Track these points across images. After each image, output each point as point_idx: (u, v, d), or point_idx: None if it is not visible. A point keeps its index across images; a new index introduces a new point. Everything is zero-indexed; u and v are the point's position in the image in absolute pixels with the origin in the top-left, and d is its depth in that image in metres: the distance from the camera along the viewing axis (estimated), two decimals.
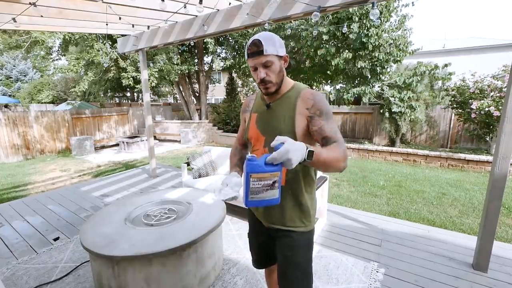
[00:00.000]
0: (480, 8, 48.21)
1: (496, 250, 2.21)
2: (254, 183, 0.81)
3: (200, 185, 3.25)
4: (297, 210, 1.11)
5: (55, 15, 2.95)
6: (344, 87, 7.58)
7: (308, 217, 1.14)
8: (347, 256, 2.30)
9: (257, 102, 1.21)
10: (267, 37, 1.00)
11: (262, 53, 0.99)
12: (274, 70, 1.03)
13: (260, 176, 0.80)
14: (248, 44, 1.02)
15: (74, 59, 8.93)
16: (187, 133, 9.56)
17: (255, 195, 0.83)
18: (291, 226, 1.11)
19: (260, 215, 1.20)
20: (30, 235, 2.78)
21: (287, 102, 1.08)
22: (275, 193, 0.85)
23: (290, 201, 1.11)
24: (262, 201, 0.85)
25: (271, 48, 1.00)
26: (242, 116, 1.29)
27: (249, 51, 1.01)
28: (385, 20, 6.52)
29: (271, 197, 0.85)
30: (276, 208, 1.11)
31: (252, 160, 0.81)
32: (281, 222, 1.12)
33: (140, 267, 1.65)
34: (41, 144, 7.72)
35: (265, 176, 0.81)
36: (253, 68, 1.04)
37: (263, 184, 0.82)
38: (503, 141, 1.90)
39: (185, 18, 3.42)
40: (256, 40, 0.99)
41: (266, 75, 1.02)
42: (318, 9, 2.36)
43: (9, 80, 20.77)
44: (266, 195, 0.84)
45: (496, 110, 5.76)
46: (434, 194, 4.11)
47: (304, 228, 1.12)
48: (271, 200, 0.86)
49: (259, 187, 0.82)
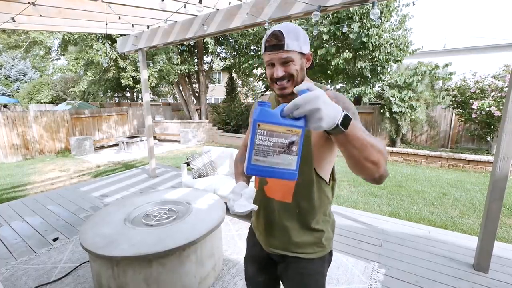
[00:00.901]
0: (480, 8, 48.19)
1: (497, 251, 2.20)
2: (262, 137, 0.57)
3: (200, 185, 3.24)
4: (307, 234, 0.93)
5: (54, 15, 2.94)
6: (344, 87, 7.57)
7: (321, 243, 0.94)
8: (347, 256, 2.29)
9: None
10: (290, 29, 0.83)
11: (283, 48, 0.82)
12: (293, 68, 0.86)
13: (271, 128, 0.56)
14: (267, 35, 0.85)
15: (73, 59, 8.92)
16: (187, 133, 9.54)
17: (261, 156, 0.57)
18: (299, 253, 0.94)
19: (261, 235, 1.02)
20: (29, 236, 2.77)
21: None
22: (292, 161, 0.58)
23: (297, 222, 0.92)
24: (270, 169, 0.58)
25: (294, 43, 0.83)
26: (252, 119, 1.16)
27: (267, 44, 0.84)
28: (385, 19, 6.51)
29: (285, 166, 0.58)
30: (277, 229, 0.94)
31: (263, 104, 0.57)
32: (286, 247, 0.94)
33: (140, 268, 1.64)
34: (40, 144, 7.71)
35: (279, 129, 0.56)
36: (269, 64, 0.87)
37: (274, 142, 0.57)
38: (504, 141, 1.90)
39: (185, 17, 3.41)
40: (277, 31, 0.82)
41: (284, 73, 0.85)
42: (318, 8, 2.36)
43: (8, 80, 20.77)
44: (277, 161, 0.58)
45: (497, 110, 5.75)
46: (434, 195, 4.10)
47: (316, 254, 0.94)
48: (283, 172, 0.58)
49: (268, 146, 0.57)
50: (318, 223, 0.94)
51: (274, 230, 0.96)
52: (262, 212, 0.99)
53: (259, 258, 1.06)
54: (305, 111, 0.55)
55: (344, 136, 0.61)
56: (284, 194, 0.93)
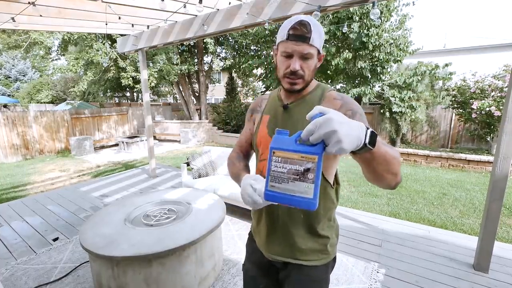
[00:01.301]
0: (480, 8, 48.21)
1: (497, 251, 2.20)
2: (277, 164, 0.58)
3: (200, 185, 3.24)
4: (312, 241, 0.90)
5: (54, 15, 2.94)
6: (344, 87, 7.57)
7: (326, 249, 0.92)
8: (347, 256, 2.29)
9: (270, 102, 0.99)
10: (316, 24, 0.78)
11: (308, 41, 0.77)
12: (310, 65, 0.83)
13: (285, 155, 0.57)
14: (292, 22, 0.78)
15: (73, 59, 8.92)
16: (187, 133, 9.54)
17: (276, 183, 0.58)
18: (303, 260, 0.90)
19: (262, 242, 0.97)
20: (29, 236, 2.77)
21: (309, 103, 0.88)
22: (308, 189, 0.56)
23: (302, 228, 0.89)
24: (286, 197, 0.58)
25: (318, 40, 0.79)
26: (251, 117, 1.05)
27: (292, 32, 0.77)
28: (385, 19, 6.51)
29: (301, 194, 0.57)
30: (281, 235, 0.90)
31: (281, 133, 0.60)
32: (289, 254, 0.91)
33: (140, 268, 1.64)
34: (40, 144, 7.71)
35: (293, 157, 0.56)
36: (286, 54, 0.81)
37: (288, 170, 0.57)
38: (504, 141, 1.90)
39: (185, 17, 3.42)
40: (305, 21, 0.76)
41: (300, 68, 0.81)
42: (318, 8, 2.36)
43: (8, 80, 20.77)
44: (292, 188, 0.57)
45: (497, 110, 5.75)
46: (434, 195, 4.10)
47: (321, 261, 0.91)
48: (300, 200, 0.57)
49: (283, 172, 0.57)
50: (323, 229, 0.91)
51: (277, 237, 0.91)
52: (265, 218, 0.95)
53: (260, 264, 1.01)
54: (321, 136, 0.52)
55: (370, 154, 0.59)
56: None
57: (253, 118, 1.05)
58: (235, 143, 1.11)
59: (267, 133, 0.93)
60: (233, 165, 1.02)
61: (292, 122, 0.89)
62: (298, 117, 0.88)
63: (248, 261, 1.08)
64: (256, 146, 0.98)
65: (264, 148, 0.93)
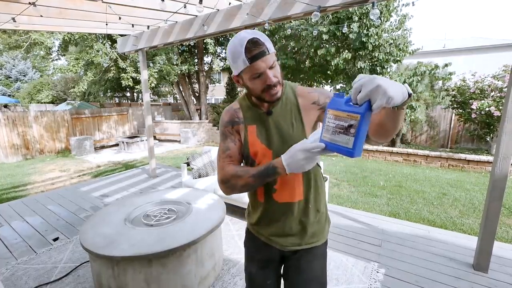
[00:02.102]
0: (480, 8, 48.21)
1: (497, 251, 2.20)
2: (329, 120, 0.71)
3: (200, 185, 3.25)
4: (317, 222, 0.99)
5: (54, 15, 2.94)
6: (344, 87, 7.58)
7: (326, 226, 1.03)
8: (347, 256, 2.29)
9: (248, 112, 0.97)
10: (258, 33, 0.82)
11: (268, 52, 0.80)
12: (278, 70, 0.86)
13: (336, 113, 0.70)
14: (242, 47, 0.79)
15: (73, 59, 8.93)
16: (187, 133, 9.55)
17: (327, 134, 0.72)
18: (313, 242, 0.99)
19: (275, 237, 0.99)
20: (29, 236, 2.77)
21: (288, 104, 0.93)
22: (349, 141, 0.68)
23: (310, 215, 0.97)
24: (333, 145, 0.71)
25: (270, 45, 0.83)
26: (232, 128, 0.98)
27: (250, 54, 0.79)
28: (385, 20, 6.52)
29: (344, 144, 0.69)
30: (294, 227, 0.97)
31: (337, 95, 0.72)
32: (305, 241, 0.98)
33: (140, 268, 1.64)
34: (41, 144, 7.72)
35: (341, 115, 0.69)
36: (257, 74, 0.82)
37: (337, 124, 0.70)
38: (503, 141, 1.90)
39: (185, 18, 3.42)
40: (254, 38, 0.79)
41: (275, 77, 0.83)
42: (318, 9, 2.36)
43: (8, 80, 20.78)
44: (337, 139, 0.70)
45: (497, 110, 5.76)
46: (434, 195, 4.10)
47: (324, 239, 1.02)
48: (342, 148, 0.70)
49: (332, 126, 0.71)
50: (322, 206, 1.01)
51: (292, 230, 0.97)
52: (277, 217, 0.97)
53: (268, 259, 1.04)
54: (367, 94, 0.60)
55: (403, 110, 0.69)
56: (295, 194, 0.94)
57: (235, 129, 0.99)
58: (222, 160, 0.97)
59: (260, 142, 0.93)
60: (238, 177, 0.88)
61: (279, 125, 0.92)
62: (284, 118, 0.92)
63: (252, 259, 1.09)
64: (250, 157, 0.95)
65: (261, 157, 0.93)
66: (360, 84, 0.60)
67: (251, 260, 1.09)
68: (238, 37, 0.81)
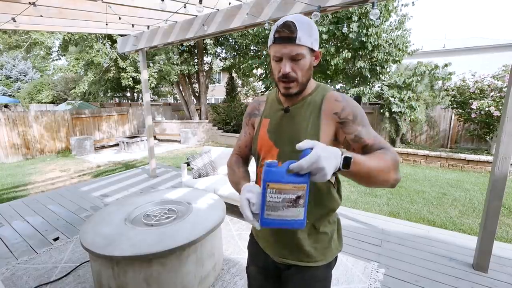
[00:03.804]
0: (480, 8, 48.19)
1: (497, 251, 2.21)
2: (271, 195, 0.64)
3: (200, 185, 3.25)
4: (317, 241, 0.90)
5: (55, 15, 2.95)
6: (343, 87, 7.57)
7: (330, 247, 0.92)
8: (347, 256, 2.29)
9: (269, 105, 0.97)
10: (303, 22, 0.77)
11: (294, 41, 0.76)
12: (303, 66, 0.80)
13: (279, 187, 0.63)
14: (277, 25, 0.77)
15: (73, 59, 8.94)
16: (187, 133, 9.55)
17: (272, 211, 0.65)
18: (307, 262, 0.90)
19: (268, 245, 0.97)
20: (30, 235, 2.78)
21: (311, 106, 0.86)
22: (299, 213, 0.65)
23: (307, 231, 0.89)
24: (281, 221, 0.66)
25: (306, 38, 0.77)
26: (249, 120, 1.03)
27: (277, 34, 0.77)
28: (384, 20, 6.52)
29: (294, 217, 0.65)
30: (289, 238, 0.90)
31: (271, 165, 0.64)
32: (296, 257, 0.91)
33: (140, 267, 1.65)
34: (41, 144, 7.72)
35: (286, 188, 0.63)
36: (276, 58, 0.80)
37: (283, 198, 0.64)
38: (503, 141, 1.90)
39: (185, 18, 3.42)
40: (289, 22, 0.75)
41: (291, 70, 0.79)
42: (318, 9, 2.36)
43: (9, 80, 20.79)
44: (286, 214, 0.65)
45: (496, 110, 5.76)
46: (434, 194, 4.10)
47: (325, 261, 0.91)
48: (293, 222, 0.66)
49: (277, 202, 0.64)
50: (326, 227, 0.91)
51: (284, 240, 0.91)
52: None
53: (264, 266, 1.01)
54: (310, 170, 0.60)
55: (347, 173, 0.66)
56: None
57: (251, 122, 1.02)
58: (234, 147, 1.08)
59: (268, 137, 0.91)
60: (233, 173, 0.98)
61: (293, 125, 0.87)
62: (301, 120, 0.86)
63: (252, 264, 1.07)
64: (256, 151, 0.95)
65: (265, 153, 0.92)
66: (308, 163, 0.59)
67: (251, 264, 1.08)
68: (286, 17, 0.79)
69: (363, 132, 0.81)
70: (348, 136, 0.82)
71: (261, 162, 0.93)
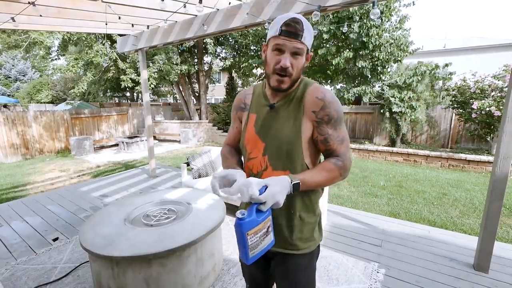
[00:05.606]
0: (480, 8, 48.21)
1: (497, 251, 2.20)
2: (252, 239, 0.75)
3: (200, 185, 3.24)
4: (300, 231, 0.95)
5: (54, 15, 2.94)
6: (344, 86, 7.57)
7: (311, 236, 0.97)
8: (347, 256, 2.29)
9: (256, 99, 1.00)
10: (306, 23, 0.81)
11: (300, 38, 0.80)
12: (299, 64, 0.84)
13: (255, 230, 0.75)
14: (285, 18, 0.80)
15: (73, 59, 8.92)
16: (187, 133, 9.55)
17: (254, 249, 0.77)
18: (291, 250, 0.95)
19: None
20: (29, 236, 2.77)
21: (293, 102, 0.90)
22: (271, 237, 0.81)
23: (291, 220, 0.94)
24: (262, 251, 0.79)
25: (308, 39, 0.82)
26: (236, 115, 1.08)
27: (286, 28, 0.79)
28: (385, 19, 6.51)
29: (268, 242, 0.80)
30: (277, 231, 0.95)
31: (244, 219, 0.73)
32: (282, 245, 0.96)
33: (140, 268, 1.64)
34: (40, 144, 7.71)
35: (260, 227, 0.76)
36: (278, 50, 0.82)
37: (259, 236, 0.77)
38: (504, 141, 1.89)
39: (184, 17, 3.41)
40: (298, 19, 0.79)
41: (290, 65, 0.82)
42: (318, 8, 2.35)
43: (8, 80, 20.79)
44: (264, 244, 0.79)
45: (497, 110, 5.75)
46: (434, 195, 4.10)
47: (308, 249, 0.97)
48: (268, 245, 0.81)
49: (257, 240, 0.76)
50: (310, 217, 0.96)
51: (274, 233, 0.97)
52: None
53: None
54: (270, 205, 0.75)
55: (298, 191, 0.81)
56: None
57: (238, 116, 1.07)
58: (225, 139, 1.15)
59: (255, 132, 0.95)
60: (226, 159, 1.05)
61: (280, 121, 0.90)
62: (286, 116, 0.90)
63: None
64: (243, 145, 0.99)
65: (252, 147, 0.96)
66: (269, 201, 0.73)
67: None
68: (291, 14, 0.83)
69: (333, 136, 0.88)
70: (319, 137, 0.89)
71: (248, 156, 0.98)
